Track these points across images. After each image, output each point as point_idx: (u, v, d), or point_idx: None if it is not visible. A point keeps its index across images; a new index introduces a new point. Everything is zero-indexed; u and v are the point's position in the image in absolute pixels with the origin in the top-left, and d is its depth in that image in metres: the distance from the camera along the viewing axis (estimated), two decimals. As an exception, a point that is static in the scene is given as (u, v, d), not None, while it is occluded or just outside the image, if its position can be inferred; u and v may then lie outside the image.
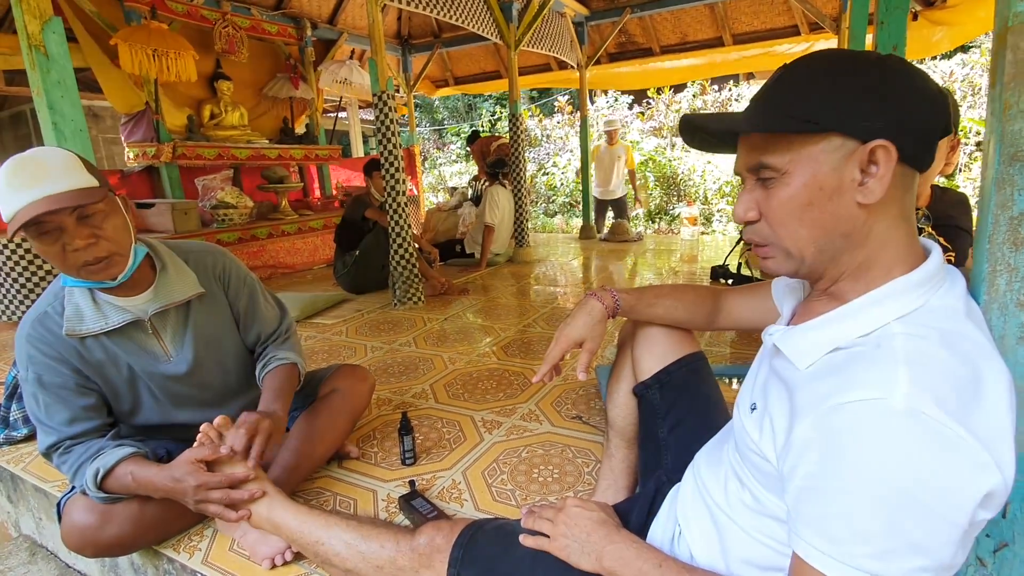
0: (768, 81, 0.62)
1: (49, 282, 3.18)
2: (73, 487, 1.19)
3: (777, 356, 0.68)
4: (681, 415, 0.99)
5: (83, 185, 1.04)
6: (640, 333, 1.06)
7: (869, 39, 3.26)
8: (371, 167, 3.81)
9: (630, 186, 6.06)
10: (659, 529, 0.85)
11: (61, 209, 1.00)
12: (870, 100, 0.56)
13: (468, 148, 6.10)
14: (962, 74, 7.03)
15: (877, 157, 0.56)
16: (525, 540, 0.83)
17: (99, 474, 1.10)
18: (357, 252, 3.57)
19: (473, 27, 4.15)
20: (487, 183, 4.52)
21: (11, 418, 1.76)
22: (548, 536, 0.80)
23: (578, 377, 0.95)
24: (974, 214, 1.71)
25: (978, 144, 6.48)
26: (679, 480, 0.90)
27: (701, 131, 0.68)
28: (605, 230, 5.83)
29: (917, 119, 0.56)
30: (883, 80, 0.56)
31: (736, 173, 0.67)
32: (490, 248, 4.36)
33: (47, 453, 1.16)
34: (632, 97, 9.80)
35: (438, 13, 3.75)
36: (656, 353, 1.03)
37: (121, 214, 1.12)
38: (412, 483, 1.35)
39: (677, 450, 0.96)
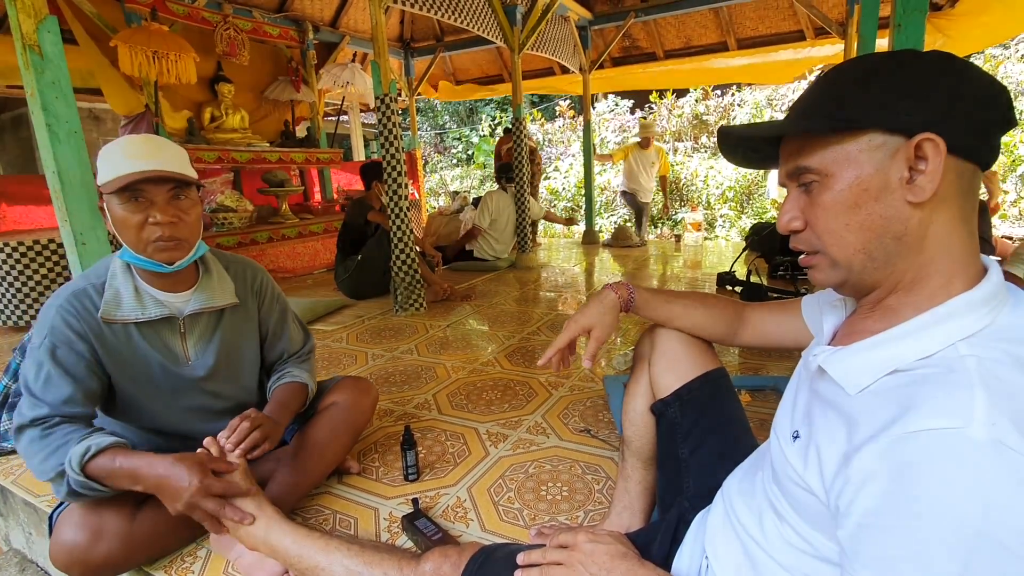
0: (807, 87, 0.60)
1: (52, 289, 3.12)
2: (62, 504, 1.14)
3: (821, 379, 0.62)
4: (703, 435, 0.93)
5: (188, 172, 1.15)
6: (658, 347, 1.00)
7: (881, 43, 3.22)
8: (379, 172, 3.61)
9: (659, 194, 6.00)
10: (684, 561, 0.80)
11: (167, 180, 1.10)
12: (911, 94, 0.52)
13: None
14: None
15: (925, 151, 0.52)
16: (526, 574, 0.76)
17: (90, 452, 1.03)
18: (359, 257, 3.51)
19: (477, 29, 4.12)
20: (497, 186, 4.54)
21: (1, 429, 1.71)
22: None
23: (583, 364, 0.93)
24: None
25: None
26: (703, 506, 0.84)
27: (739, 143, 0.64)
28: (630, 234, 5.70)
29: (965, 108, 0.52)
30: (923, 72, 0.53)
31: (780, 185, 0.63)
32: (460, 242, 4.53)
33: (28, 427, 1.08)
34: (633, 101, 9.78)
35: (442, 15, 3.72)
36: (676, 369, 0.97)
37: (200, 212, 1.21)
38: (415, 501, 1.29)
39: (699, 472, 0.91)
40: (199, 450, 1.12)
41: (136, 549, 1.14)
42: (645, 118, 6.18)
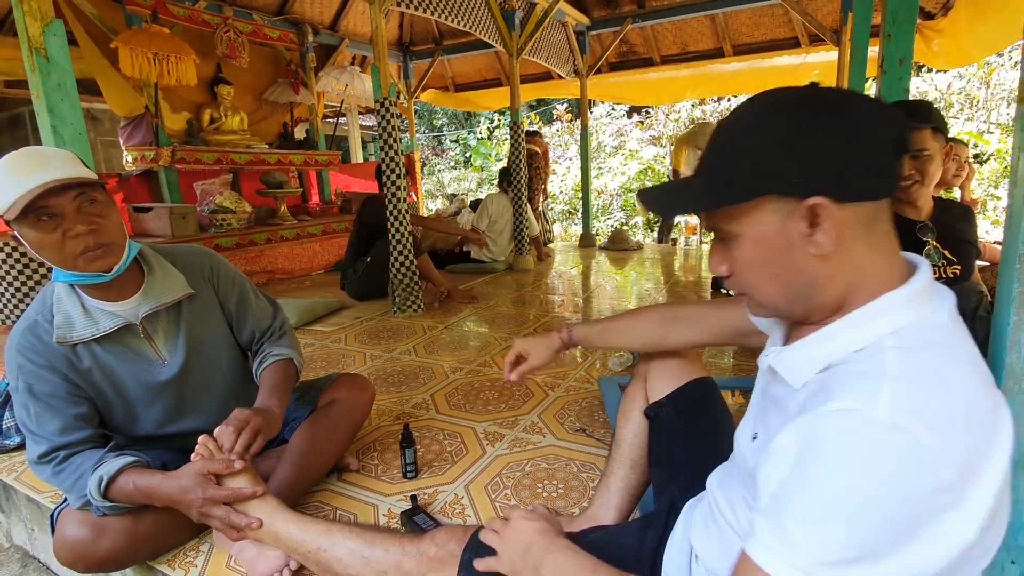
0: (708, 146, 0.62)
1: (44, 286, 3.13)
2: (65, 499, 1.16)
3: (774, 381, 0.67)
4: (695, 434, 0.99)
5: (84, 174, 1.07)
6: (654, 362, 1.09)
7: (874, 51, 3.27)
8: None
9: None
10: (674, 547, 0.83)
11: (65, 190, 1.02)
12: (798, 156, 0.54)
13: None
14: (959, 87, 7.08)
15: (817, 213, 0.54)
16: (479, 564, 0.83)
17: (103, 482, 1.08)
18: (368, 258, 3.48)
19: (476, 32, 4.16)
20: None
21: (3, 426, 1.73)
22: (497, 553, 0.81)
23: (506, 378, 1.13)
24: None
25: (976, 156, 6.51)
26: (691, 497, 0.88)
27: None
28: (604, 239, 5.83)
29: (852, 159, 0.53)
30: (808, 129, 0.54)
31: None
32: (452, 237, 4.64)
33: (38, 463, 1.13)
34: (630, 105, 9.84)
35: (441, 16, 3.75)
36: (669, 377, 1.06)
37: (117, 210, 1.14)
38: (414, 498, 1.32)
39: (690, 469, 0.95)
40: (194, 453, 1.13)
41: (139, 544, 1.16)
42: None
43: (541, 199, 5.58)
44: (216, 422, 1.19)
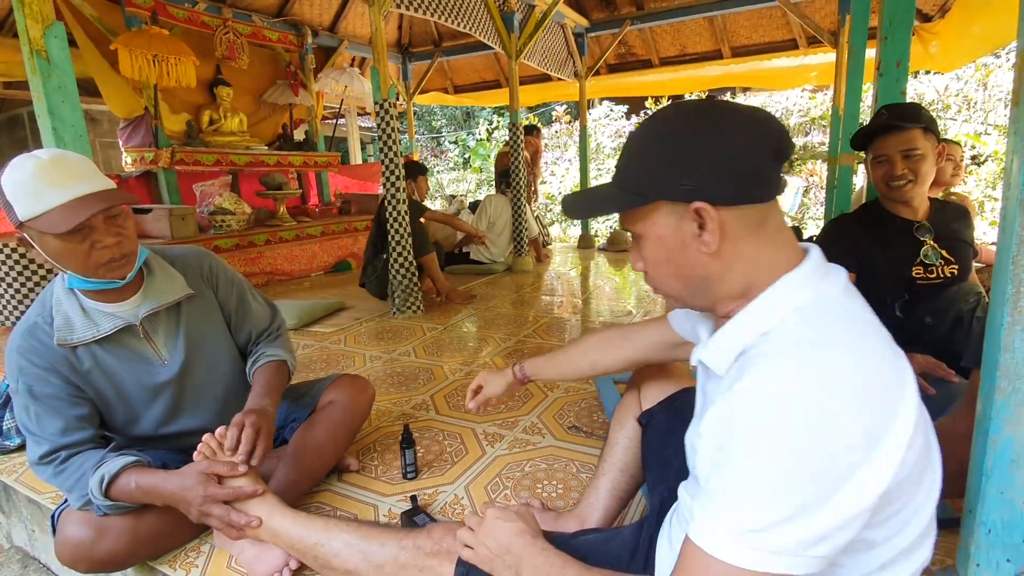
0: (621, 151, 0.69)
1: (43, 287, 3.13)
2: (66, 500, 1.17)
3: (707, 377, 0.72)
4: (683, 439, 1.00)
5: (111, 186, 1.08)
6: (646, 374, 1.14)
7: (871, 53, 3.28)
8: (414, 171, 3.78)
9: None
10: (663, 544, 0.84)
11: (110, 207, 1.04)
12: (680, 166, 0.61)
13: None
14: (956, 88, 7.10)
15: (702, 215, 0.60)
16: (464, 555, 0.84)
17: (104, 480, 1.08)
18: (386, 255, 3.41)
19: (475, 34, 4.17)
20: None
21: (4, 427, 1.73)
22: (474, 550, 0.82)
23: (467, 406, 1.22)
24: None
25: (973, 158, 6.54)
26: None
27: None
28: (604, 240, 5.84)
29: (726, 167, 0.59)
30: (687, 142, 0.61)
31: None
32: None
33: (39, 464, 1.14)
34: (628, 107, 9.85)
35: (440, 18, 3.76)
36: (660, 387, 1.10)
37: (133, 219, 1.17)
38: (414, 498, 1.33)
39: (681, 469, 0.96)
40: (196, 452, 1.14)
41: (140, 545, 1.17)
42: None
43: (534, 200, 5.58)
44: (216, 422, 1.20)
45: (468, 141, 13.19)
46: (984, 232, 5.99)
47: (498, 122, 12.08)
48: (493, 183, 5.05)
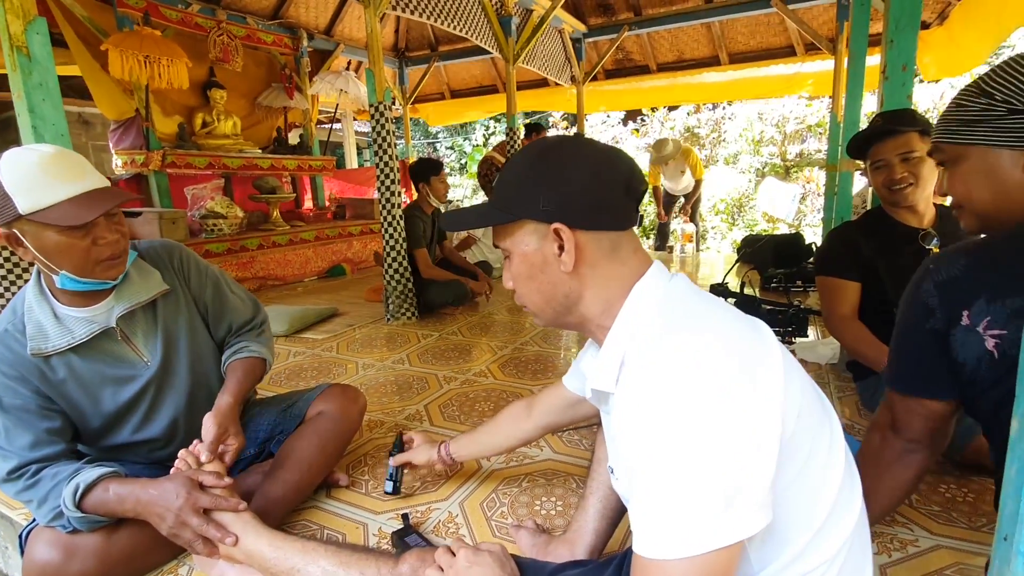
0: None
1: (20, 286, 3.05)
2: (35, 520, 1.10)
3: (604, 408, 0.75)
4: None
5: (104, 180, 1.07)
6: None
7: (872, 60, 3.26)
8: (426, 171, 3.27)
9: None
10: None
11: (119, 203, 1.05)
12: (541, 190, 0.67)
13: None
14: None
15: (560, 235, 0.67)
16: None
17: (79, 489, 1.03)
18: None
19: (473, 38, 4.13)
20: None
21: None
22: None
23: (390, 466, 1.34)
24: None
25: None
26: None
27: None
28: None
29: (580, 197, 0.66)
30: (541, 168, 0.68)
31: None
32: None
33: (6, 480, 1.07)
34: (625, 113, 9.86)
35: (437, 21, 3.73)
36: None
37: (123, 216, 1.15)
38: (405, 517, 1.26)
39: None
40: (174, 468, 1.11)
41: (112, 567, 1.10)
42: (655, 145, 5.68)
43: None
44: (195, 421, 1.16)
45: (464, 146, 13.18)
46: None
47: (495, 128, 12.06)
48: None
